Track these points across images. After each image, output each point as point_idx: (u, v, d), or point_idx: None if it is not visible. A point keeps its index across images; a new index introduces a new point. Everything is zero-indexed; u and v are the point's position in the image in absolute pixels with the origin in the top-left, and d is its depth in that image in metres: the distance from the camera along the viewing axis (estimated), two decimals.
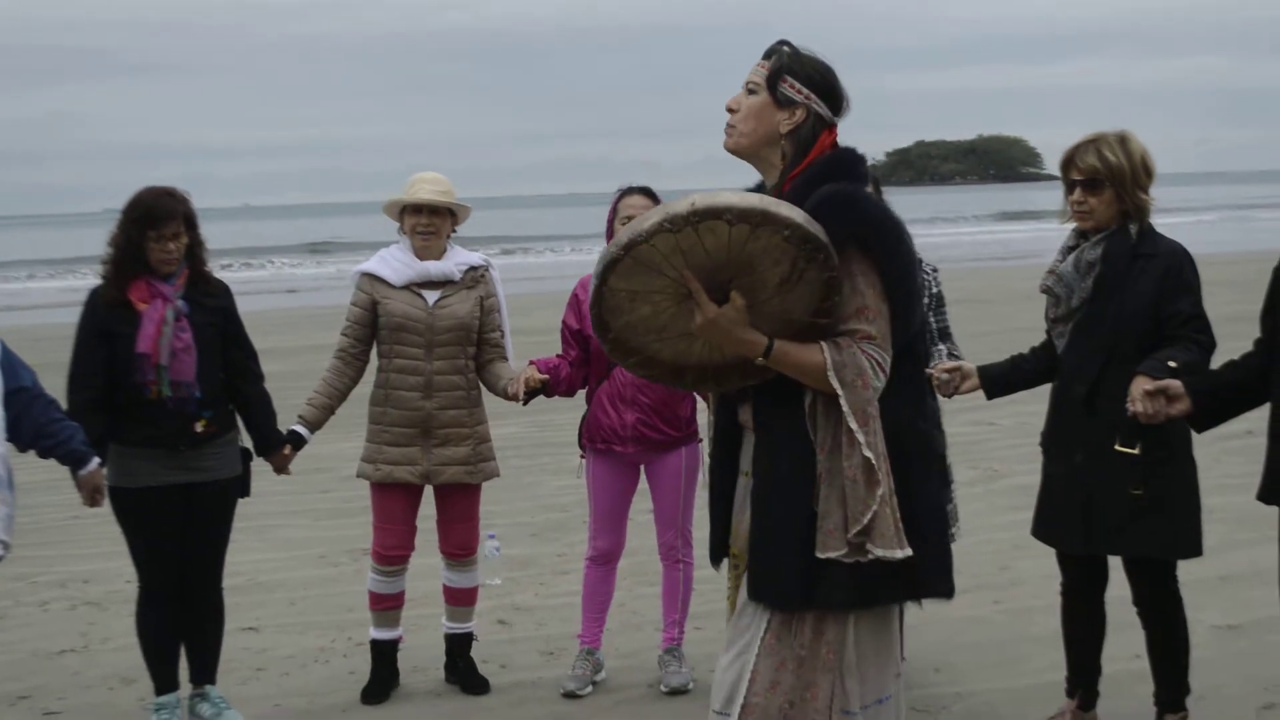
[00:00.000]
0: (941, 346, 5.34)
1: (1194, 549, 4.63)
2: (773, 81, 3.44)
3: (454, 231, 5.73)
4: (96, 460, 4.90)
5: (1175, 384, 4.15)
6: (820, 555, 3.29)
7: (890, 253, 3.33)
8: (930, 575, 3.45)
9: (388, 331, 5.56)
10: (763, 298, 3.29)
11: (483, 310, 5.65)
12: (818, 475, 3.31)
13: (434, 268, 5.59)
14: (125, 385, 5.08)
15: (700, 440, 5.65)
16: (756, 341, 3.30)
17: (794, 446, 3.34)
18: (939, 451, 3.51)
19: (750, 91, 3.47)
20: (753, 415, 3.49)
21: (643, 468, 5.67)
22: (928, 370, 5.08)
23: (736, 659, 3.46)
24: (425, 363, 5.52)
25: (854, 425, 3.26)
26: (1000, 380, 4.98)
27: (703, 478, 5.62)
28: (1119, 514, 4.54)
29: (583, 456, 5.77)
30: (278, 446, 5.47)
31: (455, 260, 5.65)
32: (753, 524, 3.44)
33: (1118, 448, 4.48)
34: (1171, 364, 4.26)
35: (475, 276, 5.68)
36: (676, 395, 5.48)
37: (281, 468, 5.53)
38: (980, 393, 5.01)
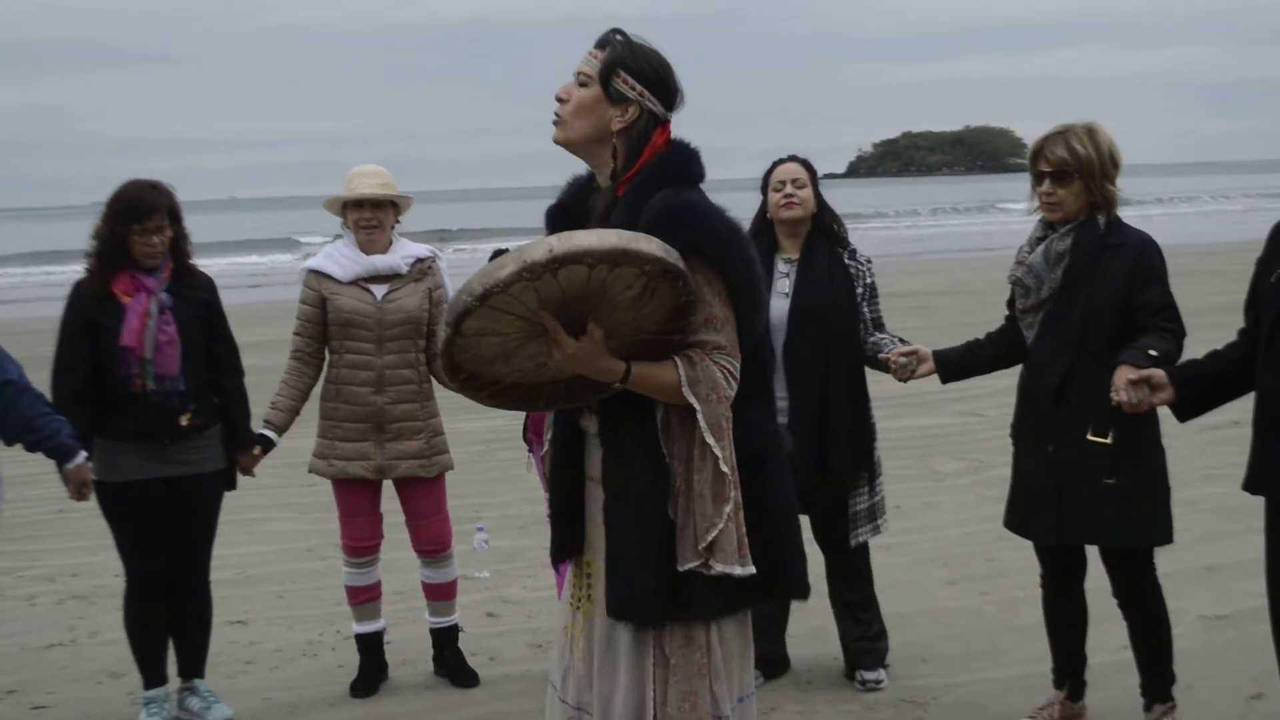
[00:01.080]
0: (885, 335, 5.34)
1: (1166, 536, 4.65)
2: (606, 76, 3.35)
3: (398, 223, 5.72)
4: (83, 454, 4.89)
5: (1158, 373, 4.16)
6: (681, 568, 3.26)
7: (732, 261, 3.27)
8: (789, 575, 3.42)
9: (337, 328, 5.53)
10: (614, 318, 3.22)
11: (431, 302, 5.63)
12: (675, 488, 3.29)
13: (380, 262, 5.57)
14: (110, 378, 5.07)
15: None
16: (614, 369, 3.24)
17: (646, 459, 3.30)
18: (788, 450, 3.51)
19: (582, 84, 3.37)
20: (599, 428, 3.42)
21: None
22: (884, 355, 5.12)
23: (631, 675, 3.39)
24: (376, 358, 5.49)
25: (710, 439, 3.24)
26: (956, 365, 5.01)
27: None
28: (1091, 504, 4.55)
29: (530, 452, 5.76)
30: (248, 446, 5.44)
31: (401, 253, 5.63)
32: (609, 541, 3.37)
33: (1090, 437, 4.49)
34: (1152, 352, 4.27)
35: (422, 268, 5.66)
36: None
37: (248, 468, 5.49)
38: (967, 385, 5.03)
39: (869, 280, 5.41)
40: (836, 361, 5.26)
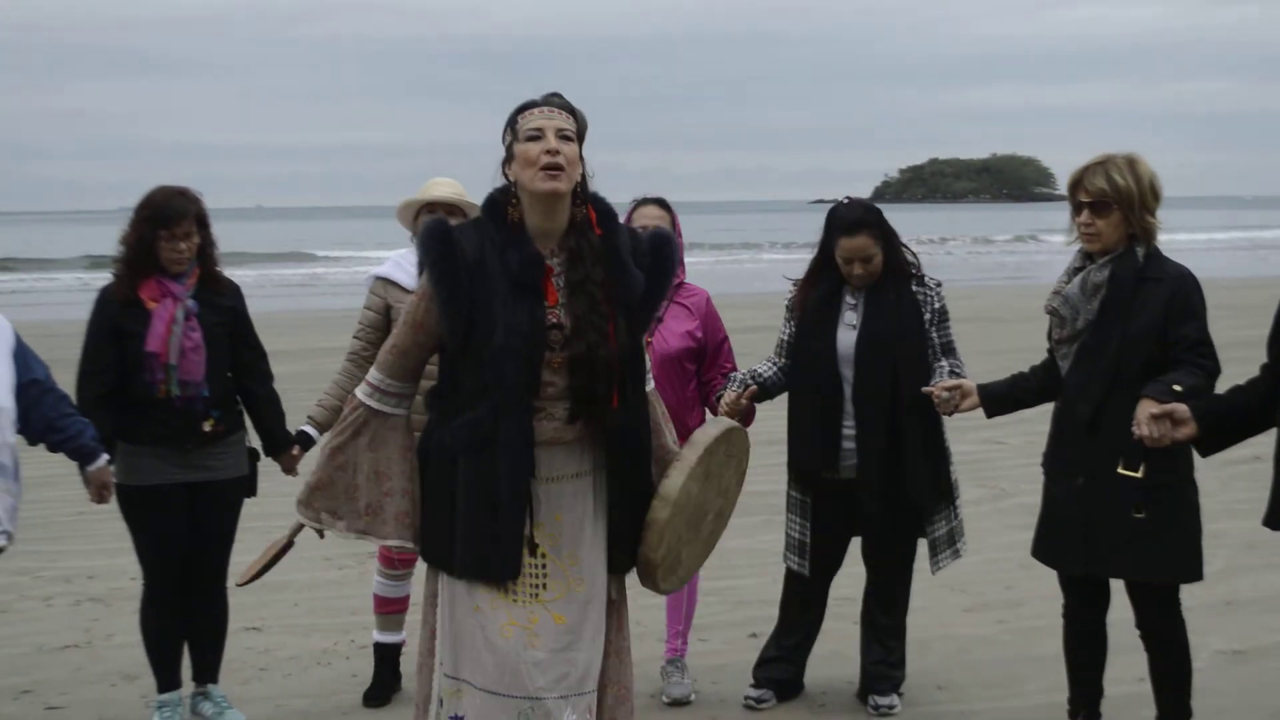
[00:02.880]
0: (944, 363, 5.31)
1: (1195, 573, 4.62)
2: (581, 136, 3.78)
3: None
4: (105, 457, 4.91)
5: (1181, 408, 4.14)
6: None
7: None
8: None
9: None
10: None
11: None
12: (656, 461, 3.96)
13: None
14: (134, 383, 5.08)
15: None
16: None
17: (647, 448, 3.91)
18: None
19: (567, 138, 3.73)
20: (617, 427, 3.78)
21: None
22: (926, 388, 5.09)
23: (591, 644, 3.82)
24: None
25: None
26: (1000, 399, 4.98)
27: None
28: (1120, 536, 4.53)
29: None
30: (286, 447, 5.47)
31: None
32: (619, 518, 3.83)
33: (1121, 471, 4.46)
34: (1176, 387, 4.25)
35: None
36: (686, 406, 5.46)
37: (290, 468, 5.52)
38: (986, 411, 5.01)
39: (937, 305, 5.36)
40: (906, 391, 5.21)
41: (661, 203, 5.51)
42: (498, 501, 3.69)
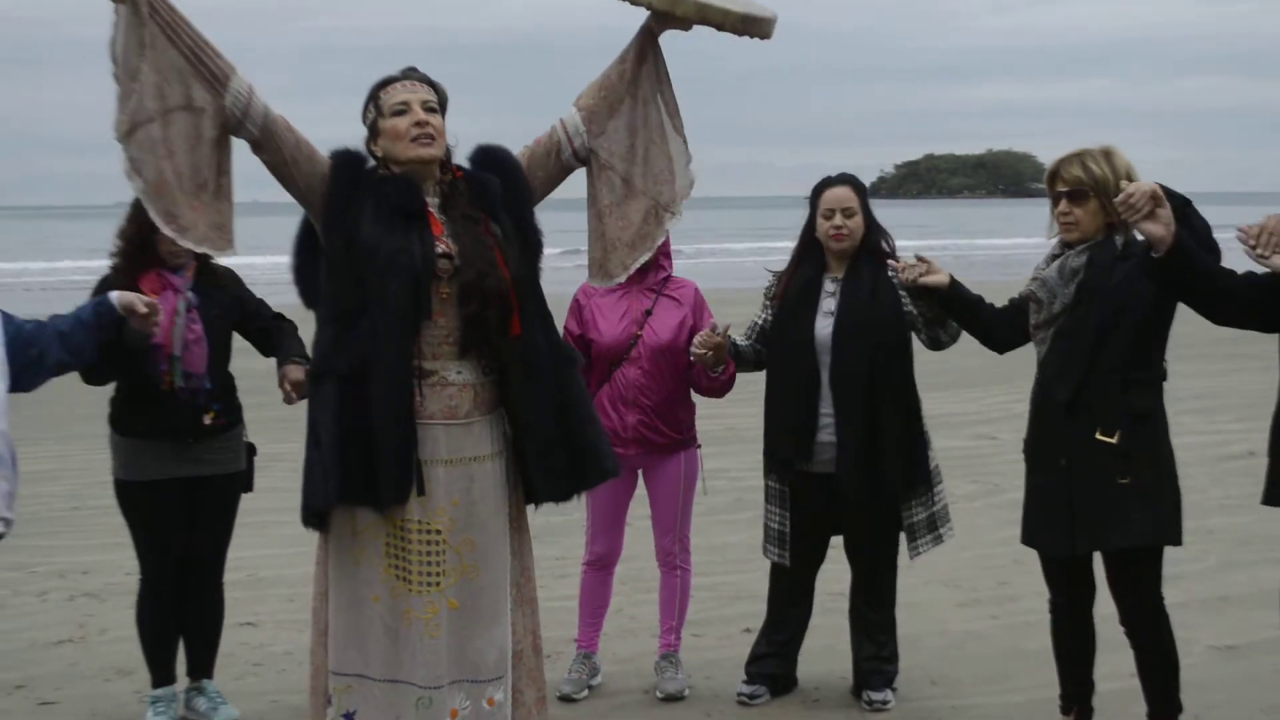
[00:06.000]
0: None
1: (1176, 537, 4.63)
2: (443, 107, 4.01)
3: None
4: (113, 293, 4.65)
5: (1167, 213, 4.12)
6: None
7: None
8: None
9: None
10: None
11: None
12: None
13: None
14: (136, 376, 5.07)
15: (699, 446, 5.65)
16: None
17: (568, 377, 4.08)
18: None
19: (433, 109, 3.95)
20: (518, 370, 3.94)
21: (640, 473, 5.66)
22: (893, 260, 5.16)
23: (485, 631, 3.96)
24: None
25: None
26: (963, 301, 5.08)
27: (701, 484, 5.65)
28: (1105, 509, 4.54)
29: None
30: (297, 361, 5.11)
31: None
32: (542, 452, 4.00)
33: (1099, 436, 4.50)
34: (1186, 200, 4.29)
35: None
36: (677, 398, 5.49)
37: (292, 381, 5.04)
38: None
39: None
40: (883, 378, 5.24)
41: None
42: (378, 430, 3.77)
